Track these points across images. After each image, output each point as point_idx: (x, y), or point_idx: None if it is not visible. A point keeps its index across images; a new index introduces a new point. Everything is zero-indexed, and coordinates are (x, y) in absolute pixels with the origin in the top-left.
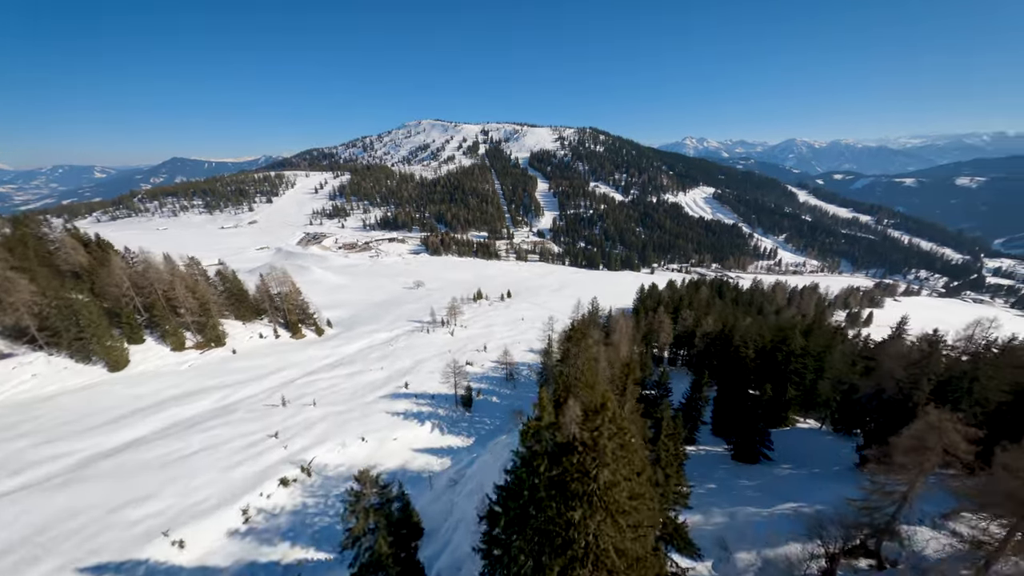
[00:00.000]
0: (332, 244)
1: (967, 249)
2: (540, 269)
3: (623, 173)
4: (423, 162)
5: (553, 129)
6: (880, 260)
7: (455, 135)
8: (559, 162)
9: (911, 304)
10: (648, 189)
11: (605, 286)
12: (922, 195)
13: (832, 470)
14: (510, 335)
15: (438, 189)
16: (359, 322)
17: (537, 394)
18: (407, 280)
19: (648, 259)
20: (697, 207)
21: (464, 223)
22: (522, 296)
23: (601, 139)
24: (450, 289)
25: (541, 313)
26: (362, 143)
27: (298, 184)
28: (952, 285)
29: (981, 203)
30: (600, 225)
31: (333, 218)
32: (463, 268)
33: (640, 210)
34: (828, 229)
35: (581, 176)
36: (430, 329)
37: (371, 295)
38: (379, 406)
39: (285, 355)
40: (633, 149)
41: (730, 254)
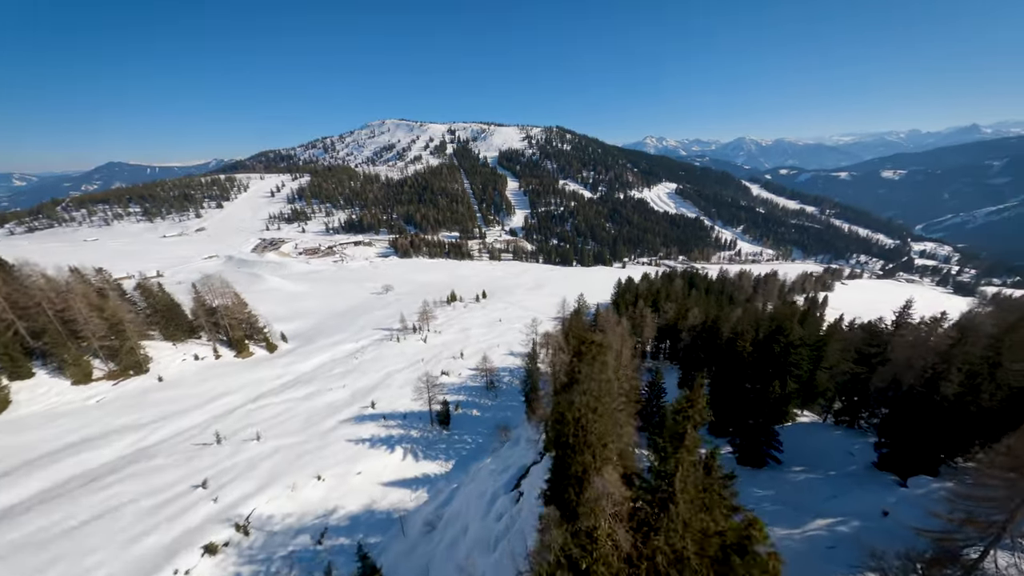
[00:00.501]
0: (292, 250)
1: (896, 235)
2: (515, 268)
3: (591, 171)
4: (389, 162)
5: (520, 128)
6: (826, 247)
7: (421, 135)
8: (527, 161)
9: (857, 286)
10: (615, 186)
11: (580, 282)
12: (854, 187)
13: (848, 470)
14: (488, 338)
15: (405, 189)
16: (320, 333)
17: (522, 403)
18: (375, 285)
19: (619, 253)
20: (661, 202)
21: (434, 223)
22: (498, 296)
23: (568, 138)
24: (422, 292)
25: (519, 313)
26: (322, 144)
27: (252, 187)
28: (888, 267)
29: (903, 193)
30: (571, 222)
31: (292, 222)
32: (435, 270)
33: (609, 206)
34: (780, 220)
35: (550, 174)
36: (400, 337)
37: (335, 303)
38: (340, 433)
39: (226, 379)
40: (599, 148)
41: (694, 246)
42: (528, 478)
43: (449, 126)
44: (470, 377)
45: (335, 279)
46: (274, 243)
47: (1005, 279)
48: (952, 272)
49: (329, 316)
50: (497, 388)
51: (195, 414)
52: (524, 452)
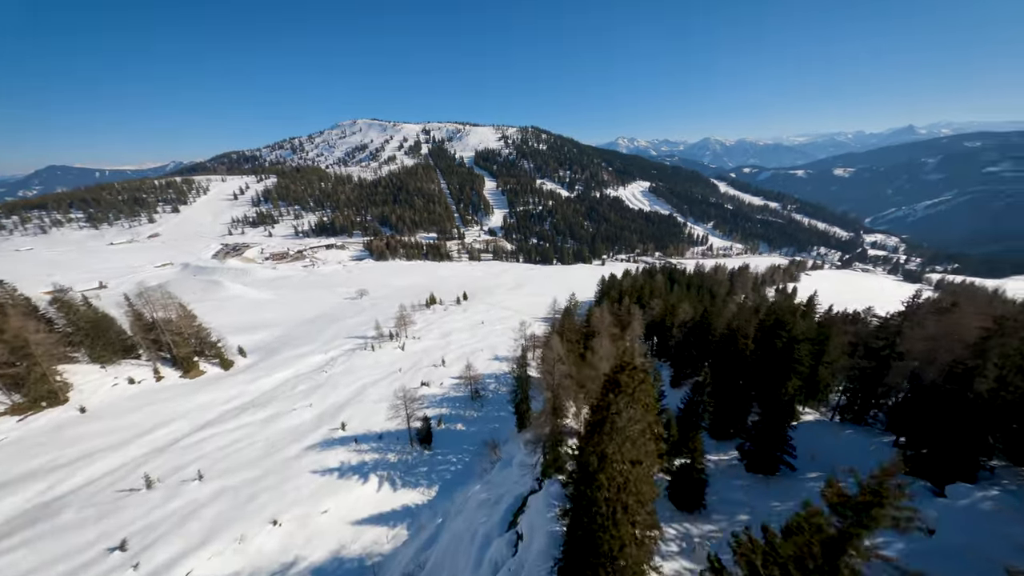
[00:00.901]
0: (257, 255)
1: (850, 227)
2: (495, 268)
3: (567, 170)
4: (361, 163)
5: (496, 128)
6: (790, 240)
7: (395, 135)
8: (504, 160)
9: (820, 276)
10: (591, 185)
11: (562, 280)
12: (811, 184)
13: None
14: (471, 342)
15: (379, 190)
16: (286, 345)
17: (511, 412)
18: (348, 290)
19: (598, 251)
20: (636, 200)
21: (411, 225)
22: (479, 297)
23: (543, 138)
24: (399, 296)
25: (501, 314)
26: (290, 144)
27: (213, 190)
28: (845, 258)
29: (853, 189)
30: (550, 221)
31: (258, 226)
32: (413, 272)
33: (586, 204)
34: (746, 215)
35: (527, 173)
36: (376, 345)
37: (304, 310)
38: (304, 463)
39: (167, 404)
40: (574, 147)
41: (669, 242)
42: (527, 513)
43: (423, 126)
44: (453, 387)
45: (305, 285)
46: (237, 248)
47: (946, 266)
48: (901, 261)
49: (297, 325)
50: (483, 397)
51: (123, 451)
52: (518, 478)
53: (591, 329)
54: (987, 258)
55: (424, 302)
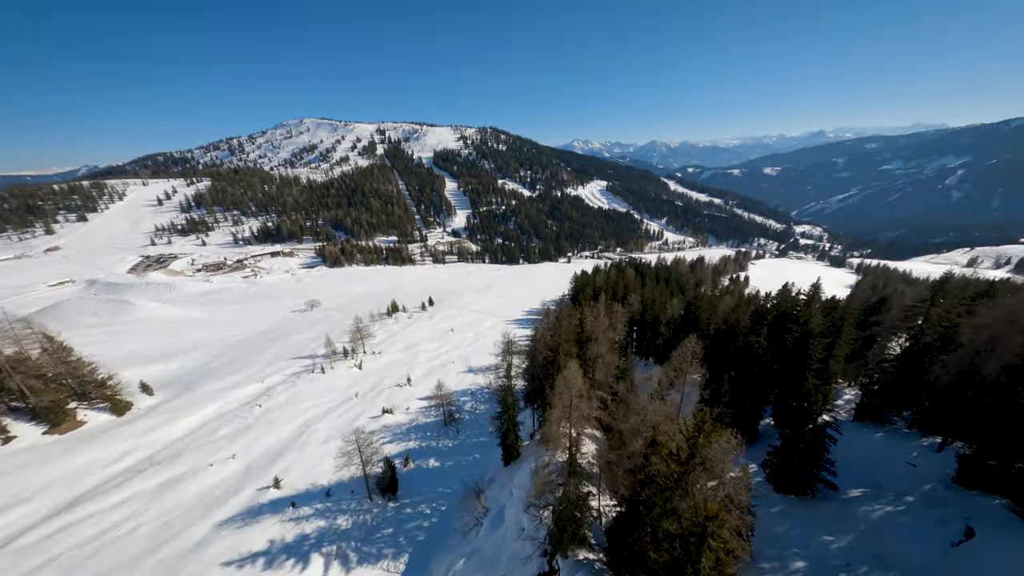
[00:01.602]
0: (187, 266)
1: (782, 220)
2: (461, 270)
3: (527, 170)
4: (311, 164)
5: (454, 129)
6: (733, 233)
7: (347, 135)
8: (464, 161)
9: (763, 265)
10: (552, 184)
11: (530, 279)
12: (745, 182)
13: (924, 490)
14: (440, 353)
15: (331, 192)
16: (211, 374)
17: (492, 436)
18: (297, 302)
19: (563, 249)
20: (595, 199)
21: (368, 228)
22: (446, 302)
23: (503, 138)
24: (357, 305)
25: (471, 318)
26: (228, 145)
27: (131, 195)
28: (781, 247)
29: (780, 186)
30: (514, 220)
31: (189, 234)
32: (372, 279)
33: (549, 204)
34: (695, 211)
35: (488, 174)
36: (327, 365)
37: (241, 328)
38: (213, 552)
39: (14, 478)
40: (533, 148)
41: (629, 238)
42: None
43: (378, 126)
44: (422, 411)
45: (244, 298)
46: (162, 260)
47: (862, 252)
48: (826, 248)
49: (229, 347)
50: (458, 420)
51: None
52: (517, 550)
53: (585, 335)
54: (892, 243)
55: (385, 311)
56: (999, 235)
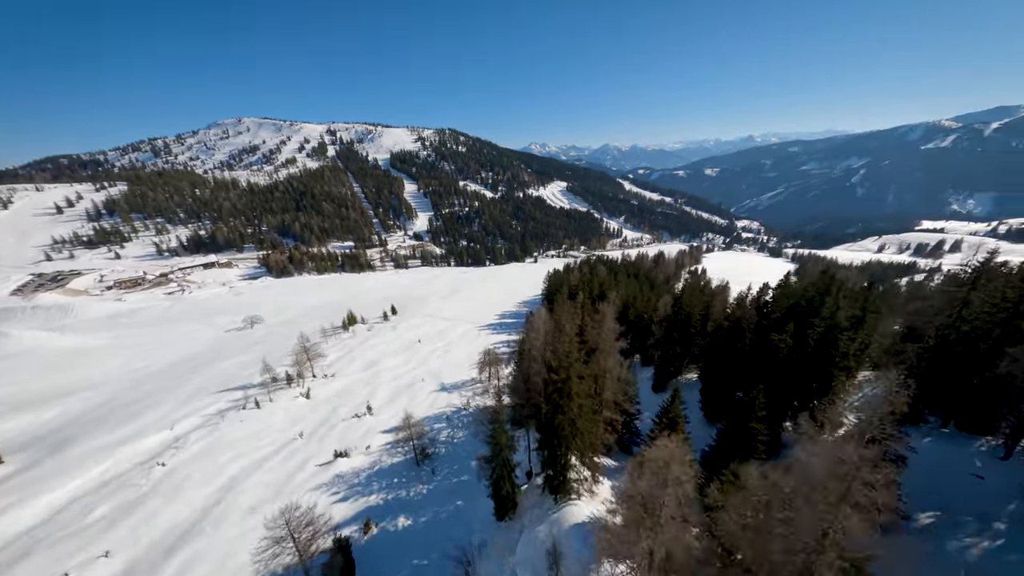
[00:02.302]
0: (93, 284)
1: (725, 216)
2: (425, 274)
3: (489, 171)
4: (253, 166)
5: (411, 130)
6: (684, 229)
7: (293, 135)
8: (423, 162)
9: (714, 258)
10: (514, 185)
11: (499, 281)
12: (689, 182)
13: (1007, 509)
14: (407, 370)
15: (277, 196)
16: (101, 423)
17: (476, 472)
18: (234, 319)
19: (528, 248)
20: (556, 199)
21: (321, 233)
22: (410, 310)
23: (462, 140)
24: (307, 319)
25: (440, 326)
26: (151, 146)
27: (20, 203)
28: (727, 241)
29: (719, 185)
30: (478, 221)
31: (98, 246)
32: (326, 288)
33: (512, 204)
34: (650, 209)
35: (449, 175)
36: (264, 398)
37: (154, 357)
38: None
39: None
40: (493, 150)
41: (591, 236)
42: None
43: (328, 126)
44: (387, 448)
45: (166, 318)
46: (59, 278)
47: (793, 243)
48: (765, 241)
49: (135, 383)
50: (433, 456)
51: None
52: None
53: (589, 345)
54: (816, 234)
55: (341, 323)
56: (896, 225)
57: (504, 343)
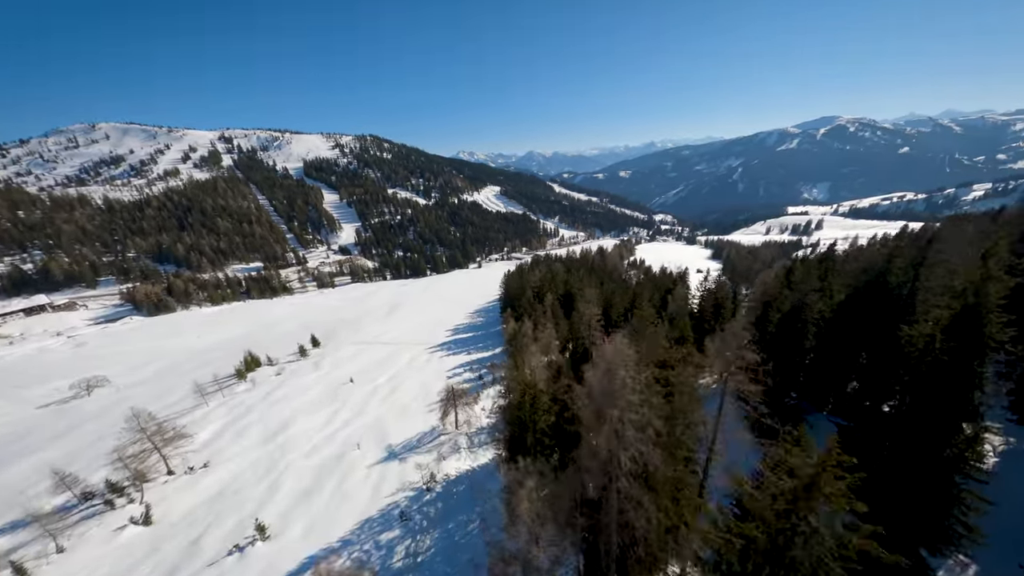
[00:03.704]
0: None
1: (644, 212)
2: (357, 291)
3: (419, 178)
4: (117, 180)
5: (327, 136)
6: (613, 225)
7: (174, 143)
8: (344, 170)
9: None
10: (447, 191)
11: (446, 291)
12: (608, 184)
13: None
14: (332, 433)
15: (150, 214)
16: None
17: None
18: (61, 385)
19: (470, 254)
20: (492, 203)
21: (217, 255)
22: (340, 337)
23: (386, 146)
24: (182, 371)
25: (379, 354)
26: None
27: None
28: (650, 233)
29: (633, 185)
30: (413, 229)
31: None
32: (223, 322)
33: (448, 211)
34: (580, 209)
35: (375, 183)
36: (56, 545)
37: None
38: None
39: None
40: (422, 156)
41: (531, 237)
42: None
43: (221, 133)
44: None
45: None
46: None
47: (703, 231)
48: (680, 231)
49: None
50: None
51: None
52: None
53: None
54: (715, 223)
55: (233, 371)
56: (771, 212)
57: (466, 366)
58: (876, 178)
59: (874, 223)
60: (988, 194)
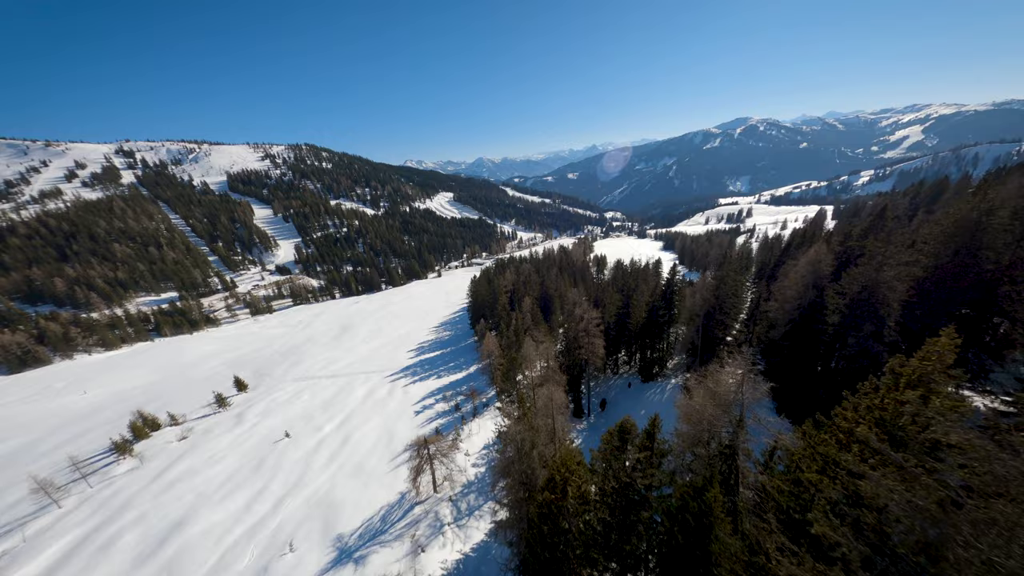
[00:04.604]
0: None
1: (596, 210)
2: (300, 315)
3: (365, 187)
4: None
5: (255, 147)
6: (569, 224)
7: (54, 159)
8: (278, 182)
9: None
10: (397, 200)
11: (404, 305)
12: (557, 185)
13: None
14: (252, 526)
15: (15, 244)
16: None
17: None
18: None
19: (429, 263)
20: (446, 209)
21: (113, 288)
22: (276, 374)
23: (325, 155)
24: (40, 450)
25: (329, 392)
26: None
27: None
28: (604, 230)
29: (581, 186)
30: (363, 241)
31: None
32: (117, 372)
33: (399, 219)
34: (536, 211)
35: (316, 195)
36: None
37: None
38: None
39: None
40: (366, 165)
41: (490, 241)
42: None
43: (119, 146)
44: None
45: None
46: None
47: (650, 225)
48: (631, 227)
49: None
50: None
51: None
52: None
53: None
54: (660, 217)
55: (111, 445)
56: (705, 204)
57: (437, 394)
58: (785, 170)
59: (792, 208)
60: (872, 179)
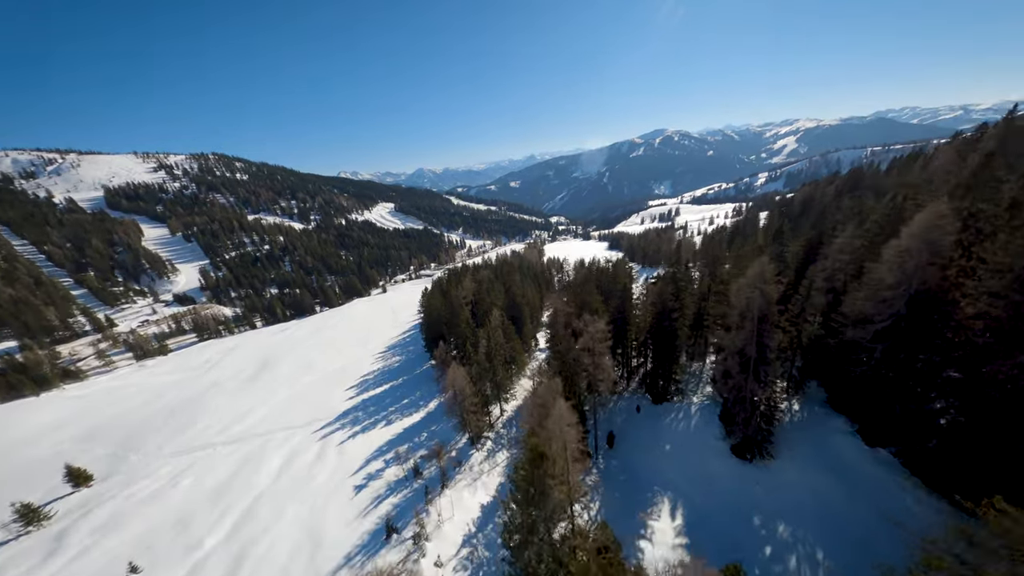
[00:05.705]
0: None
1: (541, 216)
2: (206, 353)
3: (291, 199)
4: None
5: (144, 156)
6: (516, 230)
7: None
8: (177, 196)
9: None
10: (330, 212)
11: (342, 328)
12: (501, 194)
13: None
14: None
15: None
16: None
17: None
18: None
19: (371, 278)
20: (387, 220)
21: None
22: (146, 451)
23: (239, 166)
24: None
25: (230, 467)
26: None
27: None
28: (551, 234)
29: (524, 193)
30: (290, 259)
31: None
32: None
33: (334, 233)
34: (483, 218)
35: (228, 209)
36: None
37: None
38: None
39: None
40: (291, 176)
41: (438, 251)
42: None
43: None
44: None
45: None
46: None
47: (593, 227)
48: (575, 230)
49: None
50: None
51: None
52: None
53: None
54: (600, 220)
55: None
56: (637, 206)
57: (387, 450)
58: (699, 175)
59: (711, 207)
60: (767, 180)
